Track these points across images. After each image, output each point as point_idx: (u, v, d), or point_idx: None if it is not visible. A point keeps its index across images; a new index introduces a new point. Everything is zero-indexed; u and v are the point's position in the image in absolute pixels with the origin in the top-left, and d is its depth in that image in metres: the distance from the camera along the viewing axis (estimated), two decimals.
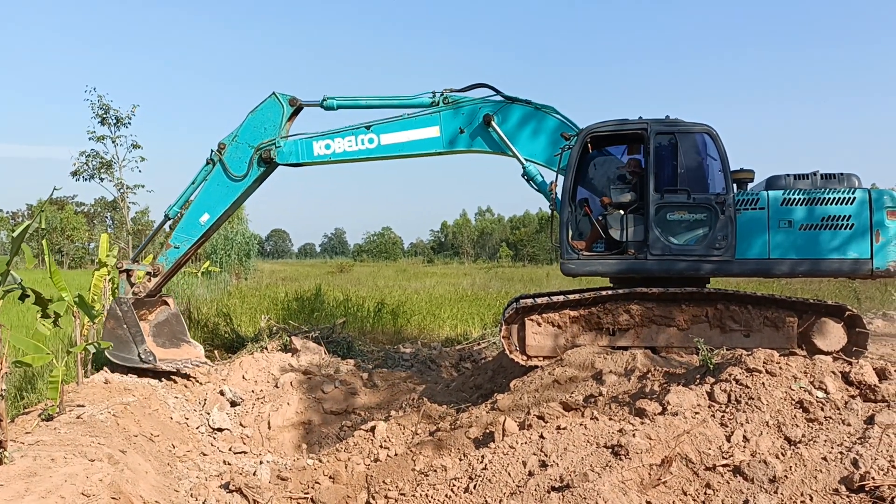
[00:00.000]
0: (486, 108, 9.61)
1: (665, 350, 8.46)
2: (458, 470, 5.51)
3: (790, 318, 8.44)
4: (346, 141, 9.93)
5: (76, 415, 7.32)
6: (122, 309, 9.76)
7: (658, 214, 8.51)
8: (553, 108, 9.55)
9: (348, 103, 10.10)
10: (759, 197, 8.42)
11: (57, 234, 74.25)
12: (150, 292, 10.41)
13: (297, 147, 10.06)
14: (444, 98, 9.74)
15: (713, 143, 8.53)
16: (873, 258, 8.16)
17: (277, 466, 7.64)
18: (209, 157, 10.26)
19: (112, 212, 72.15)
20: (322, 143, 10.02)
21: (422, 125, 9.77)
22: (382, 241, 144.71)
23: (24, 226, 6.14)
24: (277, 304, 18.68)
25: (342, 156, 10.01)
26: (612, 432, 5.32)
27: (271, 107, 10.14)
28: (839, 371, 5.78)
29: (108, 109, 20.12)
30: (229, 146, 10.15)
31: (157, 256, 10.57)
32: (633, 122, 8.80)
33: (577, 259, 8.79)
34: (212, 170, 10.24)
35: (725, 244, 8.34)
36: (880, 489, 4.20)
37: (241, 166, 10.12)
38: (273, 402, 9.71)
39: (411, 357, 12.86)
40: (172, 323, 10.91)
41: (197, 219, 10.29)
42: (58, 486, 5.03)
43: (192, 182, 10.39)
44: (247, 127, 10.15)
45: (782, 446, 4.92)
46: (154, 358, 9.68)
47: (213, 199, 10.27)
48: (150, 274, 10.38)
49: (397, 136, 9.82)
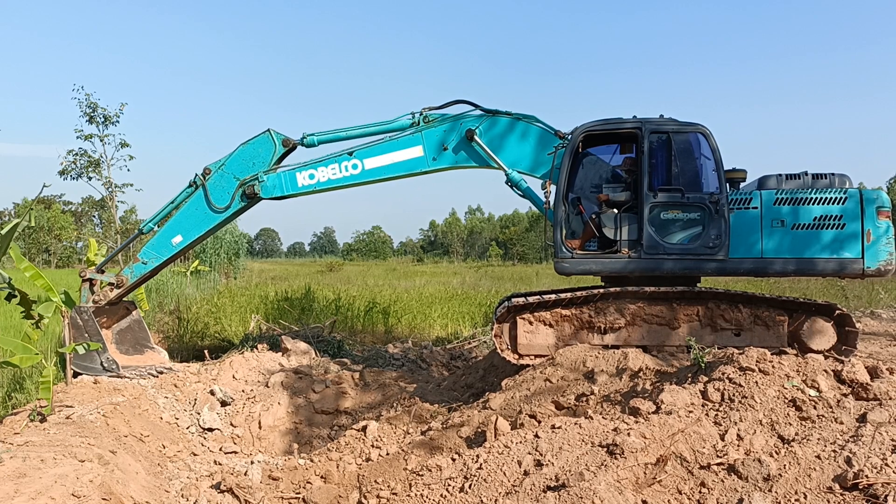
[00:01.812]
0: (467, 122, 9.55)
1: (656, 349, 8.48)
2: (453, 469, 5.50)
3: (780, 317, 8.47)
4: (330, 169, 9.78)
5: (65, 415, 7.27)
6: (82, 318, 9.55)
7: (652, 213, 8.52)
8: (534, 117, 9.54)
9: (328, 137, 10.05)
10: (753, 196, 8.45)
11: (44, 234, 73.78)
12: (109, 301, 10.16)
13: (280, 180, 9.92)
14: (423, 117, 9.67)
15: (707, 142, 8.55)
16: (864, 258, 8.20)
17: (269, 466, 7.59)
18: (192, 180, 10.04)
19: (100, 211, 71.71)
20: (306, 174, 9.86)
21: (405, 146, 9.68)
22: (372, 239, 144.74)
23: (13, 224, 6.08)
24: (267, 303, 18.59)
25: (327, 184, 9.86)
26: (606, 431, 5.32)
27: (264, 143, 10.01)
28: (831, 370, 5.81)
29: (95, 108, 19.98)
30: (214, 173, 9.95)
31: (124, 268, 10.32)
32: (628, 121, 8.81)
33: (570, 258, 8.78)
34: (192, 193, 10.03)
35: (719, 243, 8.36)
36: (874, 487, 4.22)
37: (223, 197, 9.96)
38: (264, 401, 9.66)
39: (402, 356, 12.82)
40: (135, 329, 10.70)
41: (170, 239, 10.10)
42: (48, 486, 4.99)
43: (171, 201, 10.19)
44: (236, 158, 9.99)
45: (776, 445, 4.94)
46: (117, 366, 9.51)
47: (190, 223, 10.09)
48: (113, 285, 10.12)
49: (381, 159, 9.70)
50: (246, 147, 9.98)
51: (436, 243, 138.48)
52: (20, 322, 10.61)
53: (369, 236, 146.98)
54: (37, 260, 71.94)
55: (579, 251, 8.88)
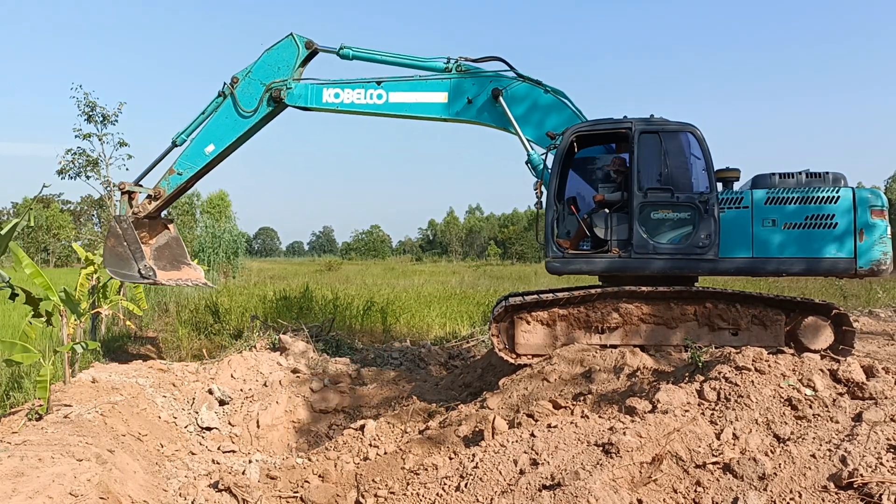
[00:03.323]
0: (496, 81, 9.59)
1: (654, 348, 8.49)
2: (449, 469, 5.51)
3: (778, 316, 8.48)
4: (356, 93, 10.06)
5: (63, 414, 7.27)
6: (122, 227, 9.97)
7: (642, 213, 8.54)
8: (563, 94, 9.54)
9: (364, 55, 10.19)
10: (744, 196, 8.45)
11: (43, 233, 73.73)
12: (148, 214, 10.52)
13: (307, 91, 10.19)
14: (457, 65, 9.78)
15: (696, 142, 8.57)
16: (857, 257, 8.16)
17: (267, 465, 7.60)
18: (221, 90, 10.35)
19: (99, 210, 71.63)
20: (332, 91, 10.14)
21: (431, 89, 9.85)
22: (371, 239, 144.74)
23: (12, 224, 6.09)
24: (266, 302, 18.59)
25: (350, 107, 10.13)
26: (602, 430, 5.33)
27: (287, 47, 10.24)
28: (827, 369, 5.82)
29: (94, 107, 19.94)
30: (242, 81, 10.26)
31: (160, 181, 10.62)
32: (618, 122, 8.85)
33: (561, 257, 8.83)
34: (222, 102, 10.36)
35: (709, 243, 8.36)
36: (868, 486, 4.23)
37: (251, 102, 10.25)
38: (262, 400, 9.67)
39: (400, 355, 12.83)
40: (173, 246, 11.05)
41: (202, 148, 10.42)
42: (45, 486, 4.99)
43: (201, 112, 10.49)
44: (261, 64, 10.26)
45: (771, 444, 4.95)
46: (154, 273, 9.94)
47: (221, 131, 10.40)
48: (151, 197, 10.48)
49: (406, 95, 9.92)
50: (270, 53, 10.28)
51: (434, 242, 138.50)
52: (18, 321, 10.62)
53: (368, 235, 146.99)
54: (35, 259, 71.86)
55: (571, 251, 8.93)
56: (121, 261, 9.73)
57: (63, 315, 8.37)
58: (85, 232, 44.32)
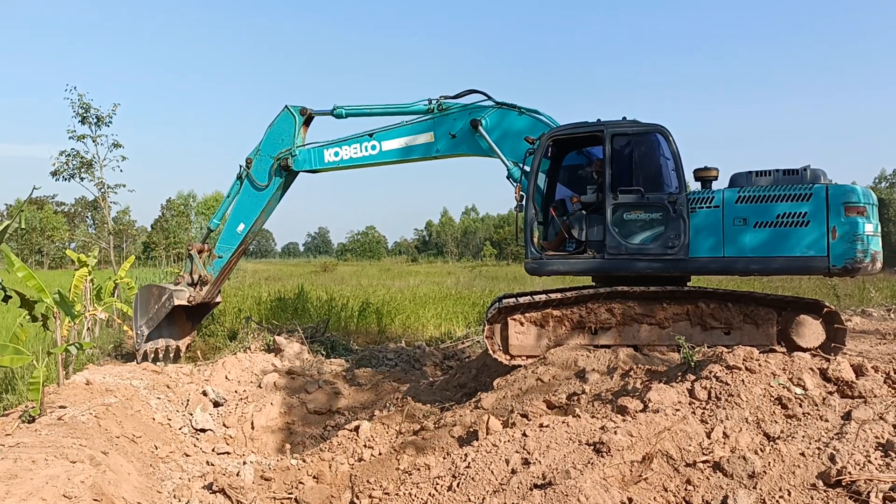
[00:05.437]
0: (474, 113, 9.90)
1: (647, 348, 8.52)
2: (442, 468, 5.53)
3: (769, 315, 8.50)
4: (353, 148, 10.77)
5: (57, 416, 7.27)
6: (165, 306, 10.88)
7: (615, 214, 8.58)
8: (537, 111, 9.76)
9: (355, 111, 10.92)
10: (715, 195, 8.42)
11: (37, 235, 73.55)
12: (202, 300, 11.47)
13: (310, 155, 11.00)
14: (438, 105, 10.17)
15: (666, 142, 8.58)
16: (829, 255, 7.96)
17: (261, 467, 7.61)
18: (238, 174, 11.33)
19: (93, 212, 71.53)
20: (332, 151, 10.88)
21: (418, 131, 10.33)
22: (366, 240, 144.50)
23: (3, 226, 6.09)
24: (261, 303, 18.60)
25: (349, 162, 10.81)
26: (594, 430, 5.36)
27: (285, 119, 11.14)
28: (817, 368, 5.86)
29: (88, 108, 19.86)
30: (255, 160, 11.20)
31: (206, 266, 11.56)
32: (591, 125, 8.91)
33: (539, 259, 8.92)
34: (241, 185, 11.33)
35: (678, 243, 8.37)
36: (857, 483, 4.27)
37: (263, 176, 11.18)
38: (256, 402, 9.69)
39: (395, 356, 12.85)
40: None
41: (234, 229, 11.43)
42: (39, 487, 5.00)
43: (226, 196, 11.61)
44: (267, 140, 11.16)
45: (761, 442, 4.98)
46: (144, 354, 11.04)
47: (246, 210, 11.35)
48: (200, 283, 11.44)
49: (396, 142, 10.46)
50: (272, 128, 11.22)
51: (430, 243, 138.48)
52: (10, 323, 10.59)
53: (363, 236, 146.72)
54: (29, 261, 71.70)
55: (549, 252, 9.03)
56: (143, 314, 11.00)
57: (57, 317, 8.36)
58: (79, 234, 44.19)
